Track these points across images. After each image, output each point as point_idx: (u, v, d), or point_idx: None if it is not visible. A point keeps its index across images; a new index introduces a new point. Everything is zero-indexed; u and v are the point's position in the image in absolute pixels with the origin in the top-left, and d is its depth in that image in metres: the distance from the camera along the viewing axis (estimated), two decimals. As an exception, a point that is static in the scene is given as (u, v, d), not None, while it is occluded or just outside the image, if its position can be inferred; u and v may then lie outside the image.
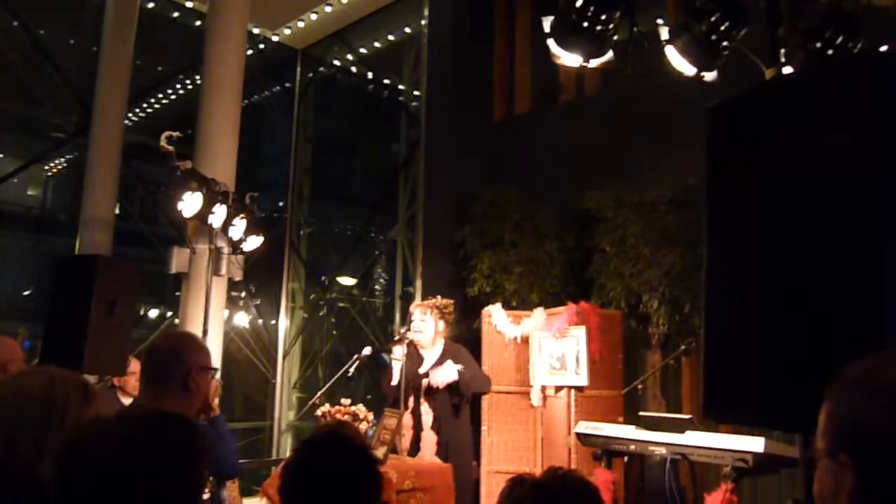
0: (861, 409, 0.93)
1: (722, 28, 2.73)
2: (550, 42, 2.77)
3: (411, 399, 4.58)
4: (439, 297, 4.90)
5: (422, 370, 4.60)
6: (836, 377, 0.99)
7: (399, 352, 4.55)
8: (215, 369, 2.31)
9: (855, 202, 1.44)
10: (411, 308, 4.83)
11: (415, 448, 4.54)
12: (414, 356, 4.66)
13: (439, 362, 4.58)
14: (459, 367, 4.49)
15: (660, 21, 5.78)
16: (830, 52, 2.82)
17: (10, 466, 1.51)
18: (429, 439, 4.51)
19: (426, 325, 4.65)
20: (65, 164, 8.13)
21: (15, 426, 1.54)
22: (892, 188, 1.40)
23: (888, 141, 1.40)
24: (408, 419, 4.55)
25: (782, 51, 2.68)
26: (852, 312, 1.43)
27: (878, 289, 1.40)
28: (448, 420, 4.52)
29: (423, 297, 7.14)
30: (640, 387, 4.85)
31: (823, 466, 0.97)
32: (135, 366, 4.65)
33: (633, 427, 4.15)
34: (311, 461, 1.70)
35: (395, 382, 4.56)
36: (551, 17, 2.78)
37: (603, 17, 2.66)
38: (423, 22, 7.80)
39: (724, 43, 2.77)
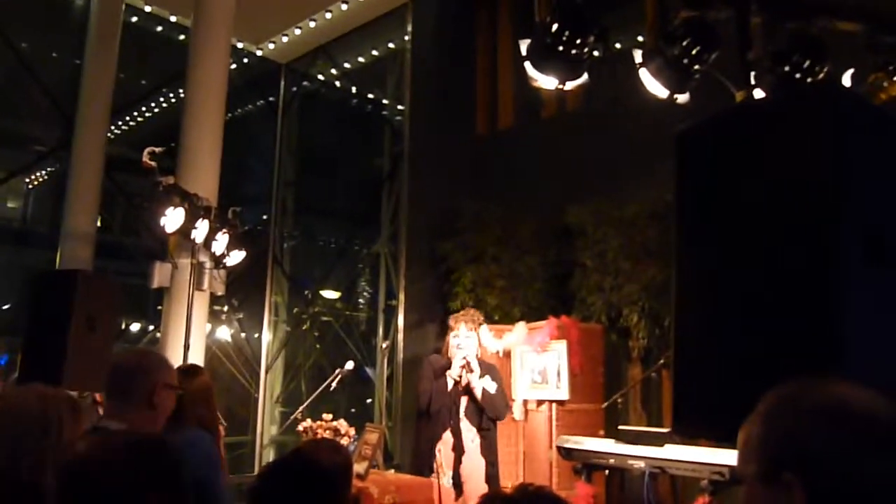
0: (799, 429, 0.95)
1: (694, 52, 2.81)
2: (527, 65, 2.83)
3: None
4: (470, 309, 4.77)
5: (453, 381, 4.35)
6: (756, 403, 1.02)
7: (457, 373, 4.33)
8: (178, 388, 2.29)
9: (815, 226, 1.50)
10: (454, 322, 4.53)
11: (458, 475, 4.22)
12: (443, 373, 4.41)
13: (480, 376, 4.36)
14: (494, 386, 4.32)
15: (640, 38, 5.89)
16: (798, 75, 2.91)
17: (15, 481, 1.56)
18: (478, 465, 4.24)
19: (472, 343, 4.42)
20: (46, 177, 8.09)
21: (16, 444, 1.59)
22: (850, 215, 1.46)
23: (845, 169, 1.46)
24: (448, 437, 4.28)
25: (752, 74, 2.76)
26: (813, 330, 1.49)
27: (836, 307, 1.46)
28: (491, 441, 4.30)
29: (407, 312, 7.19)
30: (620, 400, 4.89)
31: (755, 490, 0.98)
32: None
33: (613, 441, 4.20)
34: (268, 487, 1.72)
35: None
36: (528, 41, 2.85)
37: (577, 42, 2.73)
38: (406, 37, 7.87)
39: (696, 66, 2.84)
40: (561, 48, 2.72)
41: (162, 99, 8.53)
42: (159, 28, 8.21)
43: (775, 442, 0.97)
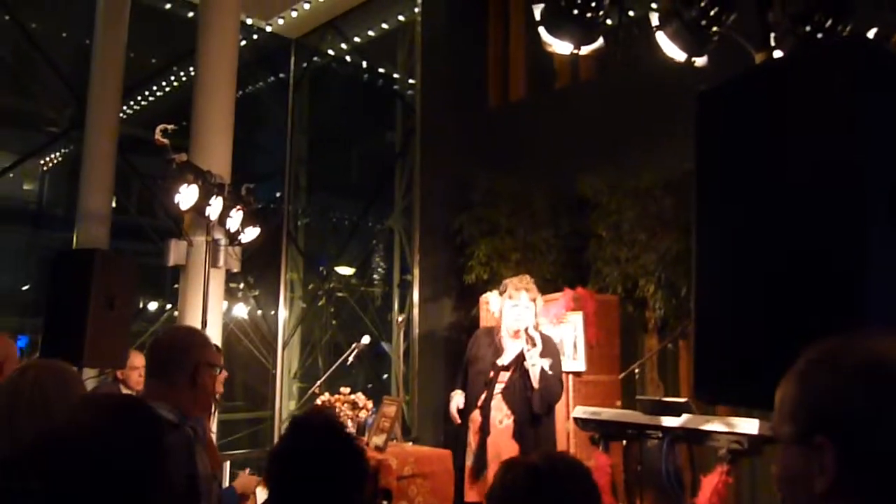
0: (838, 389, 0.92)
1: (711, 13, 2.74)
2: (541, 30, 2.78)
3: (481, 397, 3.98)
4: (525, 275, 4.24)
5: (502, 361, 3.99)
6: (796, 360, 0.99)
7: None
8: (221, 366, 2.22)
9: (837, 185, 1.46)
10: (513, 288, 4.01)
11: (481, 457, 3.88)
12: (490, 344, 4.09)
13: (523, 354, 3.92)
14: (547, 363, 3.84)
15: (653, 6, 5.78)
16: (820, 35, 2.84)
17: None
18: (506, 449, 3.79)
19: (531, 314, 4.01)
20: (60, 159, 8.12)
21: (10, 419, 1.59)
22: (873, 171, 1.42)
23: (869, 128, 1.42)
24: (476, 416, 4.00)
25: (772, 35, 2.69)
26: (836, 294, 1.46)
27: (860, 269, 1.43)
28: (532, 426, 3.84)
29: (421, 286, 7.20)
30: (636, 371, 4.87)
31: (790, 451, 0.97)
32: (137, 360, 4.63)
33: (631, 411, 4.19)
34: (293, 445, 1.72)
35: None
36: (542, 5, 2.79)
37: (593, 4, 2.67)
38: (416, 9, 7.78)
39: (714, 28, 2.78)
40: (576, 11, 2.67)
41: (173, 77, 8.51)
42: (168, 6, 8.16)
43: (810, 403, 0.95)
